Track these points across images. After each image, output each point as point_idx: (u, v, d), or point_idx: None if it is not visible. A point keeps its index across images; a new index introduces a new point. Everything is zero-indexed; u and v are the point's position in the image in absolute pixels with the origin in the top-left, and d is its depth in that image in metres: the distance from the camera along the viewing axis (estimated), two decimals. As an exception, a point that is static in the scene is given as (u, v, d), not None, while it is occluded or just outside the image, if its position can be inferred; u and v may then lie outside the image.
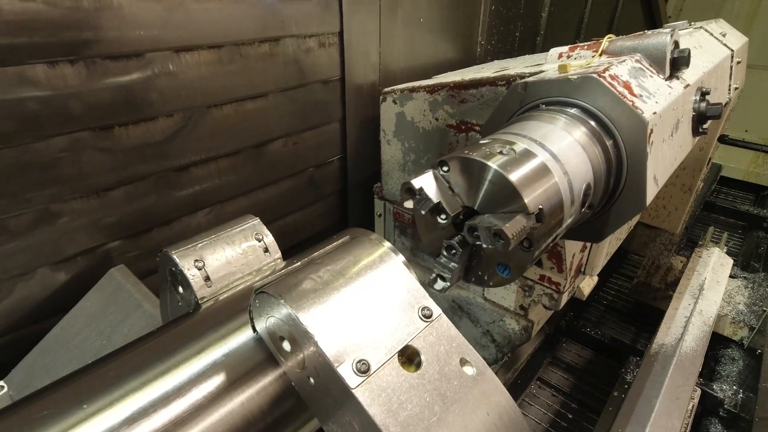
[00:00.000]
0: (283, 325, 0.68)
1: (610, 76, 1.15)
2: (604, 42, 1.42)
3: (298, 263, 0.76)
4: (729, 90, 2.00)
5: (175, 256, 0.88)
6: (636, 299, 3.31)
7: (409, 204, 0.96)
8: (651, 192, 1.17)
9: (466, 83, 1.74)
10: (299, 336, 0.66)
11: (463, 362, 0.69)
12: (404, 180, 0.94)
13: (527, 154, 0.97)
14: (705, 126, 1.52)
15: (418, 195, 0.94)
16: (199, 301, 0.87)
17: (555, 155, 1.00)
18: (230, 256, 0.93)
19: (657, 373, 2.03)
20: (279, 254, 0.97)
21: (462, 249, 0.96)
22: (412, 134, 1.99)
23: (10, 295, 1.36)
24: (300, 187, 2.04)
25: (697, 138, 1.55)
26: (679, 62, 1.34)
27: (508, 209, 0.90)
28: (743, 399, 2.34)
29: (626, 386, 2.19)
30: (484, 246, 0.88)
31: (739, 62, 2.09)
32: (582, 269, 1.78)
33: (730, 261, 2.93)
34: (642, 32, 1.42)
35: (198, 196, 1.67)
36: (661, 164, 1.24)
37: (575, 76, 1.16)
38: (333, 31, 1.84)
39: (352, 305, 0.68)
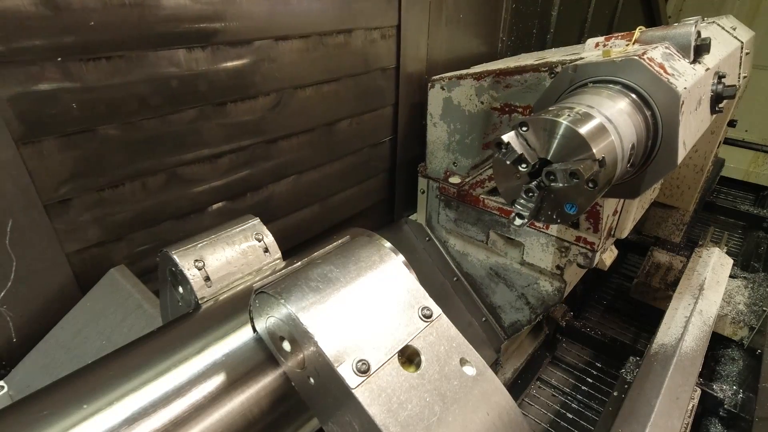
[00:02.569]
0: (283, 325, 0.68)
1: (648, 58, 1.40)
2: (636, 32, 1.67)
3: (298, 263, 0.75)
4: (739, 77, 2.26)
5: (175, 256, 0.87)
6: (636, 299, 3.29)
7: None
8: (681, 153, 1.42)
9: (511, 70, 1.99)
10: (299, 336, 0.66)
11: (463, 362, 0.69)
12: (446, 158, 1.16)
13: (588, 116, 1.22)
14: (721, 105, 1.77)
15: (505, 148, 1.20)
16: (199, 301, 0.87)
17: (609, 118, 1.25)
18: (230, 256, 0.92)
19: (657, 373, 2.02)
20: (279, 254, 0.99)
21: (538, 192, 1.21)
22: (458, 117, 2.23)
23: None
24: (359, 164, 2.29)
25: (714, 116, 1.81)
26: (701, 49, 1.59)
27: (578, 158, 1.16)
28: (743, 399, 2.32)
29: (626, 386, 2.16)
30: (561, 185, 1.14)
31: (747, 53, 2.35)
32: (612, 232, 2.04)
33: (730, 261, 2.90)
34: (667, 24, 1.68)
35: (281, 167, 1.92)
36: (688, 132, 1.49)
37: (619, 59, 1.42)
38: (392, 25, 2.10)
39: (352, 305, 0.68)
